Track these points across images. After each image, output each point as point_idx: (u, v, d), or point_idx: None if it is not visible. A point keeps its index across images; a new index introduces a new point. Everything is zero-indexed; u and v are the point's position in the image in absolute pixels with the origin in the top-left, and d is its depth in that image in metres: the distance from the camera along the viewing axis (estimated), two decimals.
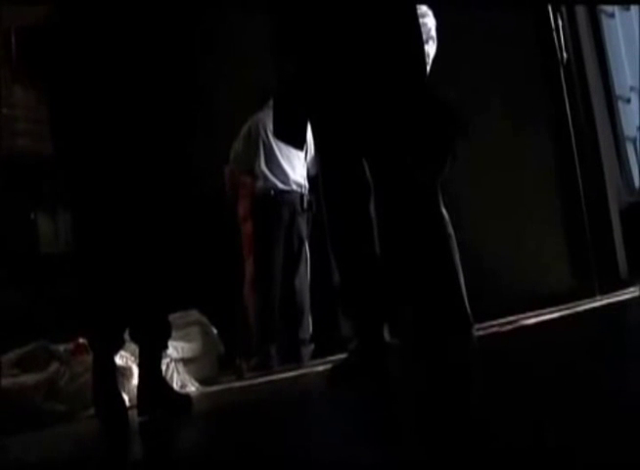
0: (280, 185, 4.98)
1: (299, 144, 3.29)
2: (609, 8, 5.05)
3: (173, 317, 4.72)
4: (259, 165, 5.01)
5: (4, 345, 4.17)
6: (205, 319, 4.77)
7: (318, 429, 2.11)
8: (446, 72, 3.76)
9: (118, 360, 4.13)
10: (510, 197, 4.55)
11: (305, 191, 5.06)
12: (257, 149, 5.03)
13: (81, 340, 4.03)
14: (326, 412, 2.50)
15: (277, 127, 3.15)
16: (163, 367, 4.26)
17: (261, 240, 4.99)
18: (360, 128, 2.85)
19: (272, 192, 4.97)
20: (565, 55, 4.59)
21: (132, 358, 4.24)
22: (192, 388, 4.33)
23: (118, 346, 3.25)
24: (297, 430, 2.07)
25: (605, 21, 5.04)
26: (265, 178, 4.99)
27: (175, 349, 4.43)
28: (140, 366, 3.28)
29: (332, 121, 2.92)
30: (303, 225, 5.06)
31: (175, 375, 4.31)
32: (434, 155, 2.89)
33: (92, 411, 3.75)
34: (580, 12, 4.76)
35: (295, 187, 5.02)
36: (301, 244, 5.05)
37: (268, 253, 4.96)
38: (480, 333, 3.80)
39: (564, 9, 4.67)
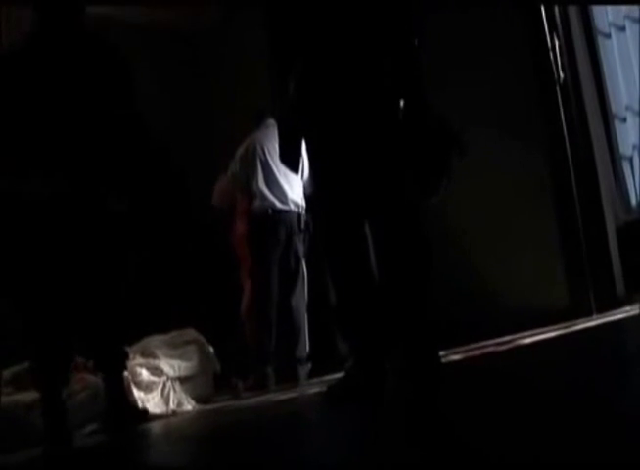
0: (278, 204, 4.97)
1: (297, 168, 3.29)
2: (605, 28, 5.07)
3: (170, 336, 4.77)
4: (257, 184, 4.99)
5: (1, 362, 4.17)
6: (201, 338, 4.76)
7: (313, 449, 2.11)
8: (441, 92, 3.77)
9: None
10: (506, 215, 4.55)
11: (303, 211, 5.05)
12: (255, 168, 5.01)
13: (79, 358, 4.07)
14: (322, 432, 2.49)
15: (283, 153, 3.15)
16: (160, 386, 4.30)
17: (258, 259, 4.98)
18: (357, 149, 2.86)
19: (270, 211, 4.96)
20: (561, 74, 4.60)
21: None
22: (188, 406, 4.33)
23: (65, 380, 3.54)
24: (293, 450, 2.07)
25: (601, 41, 5.07)
26: (263, 197, 4.97)
27: (172, 367, 4.43)
28: (106, 390, 3.62)
29: (328, 140, 2.93)
30: (300, 245, 5.04)
31: (172, 393, 4.31)
32: (431, 176, 2.89)
33: (89, 428, 3.80)
34: (577, 32, 4.78)
35: (292, 206, 5.01)
36: (298, 263, 5.03)
37: (265, 272, 4.94)
38: (477, 353, 3.81)
39: (560, 29, 4.68)
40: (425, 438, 1.81)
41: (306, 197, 5.02)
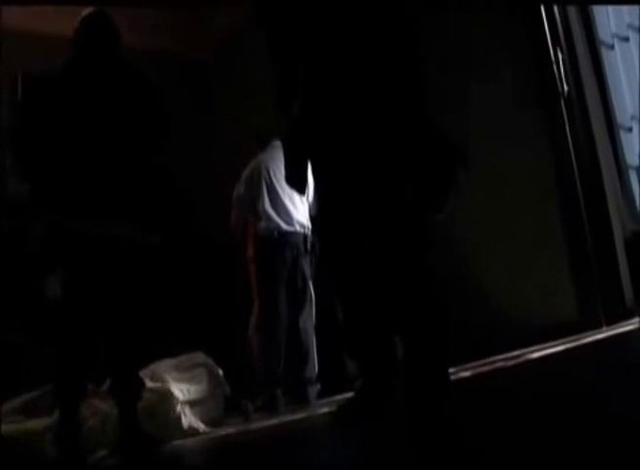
0: (283, 226, 4.97)
1: (303, 189, 3.29)
2: (608, 39, 5.06)
3: (179, 359, 4.76)
4: (263, 206, 5.00)
5: (11, 390, 4.19)
6: (210, 361, 4.76)
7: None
8: (445, 106, 3.77)
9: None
10: (512, 228, 4.53)
11: (308, 232, 5.05)
12: (260, 190, 5.03)
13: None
14: (332, 452, 2.48)
15: (289, 174, 3.15)
16: (170, 410, 4.29)
17: (265, 281, 4.99)
18: (361, 165, 2.85)
19: (275, 233, 4.96)
20: (565, 87, 4.60)
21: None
22: (199, 430, 4.31)
23: (83, 397, 3.63)
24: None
25: (604, 52, 5.05)
26: (269, 218, 4.98)
27: (181, 391, 4.42)
28: (120, 417, 3.67)
29: (333, 161, 2.92)
30: (307, 266, 5.04)
31: (182, 417, 4.29)
32: (438, 193, 2.88)
33: (100, 454, 3.80)
34: (580, 44, 4.77)
35: (298, 228, 5.01)
36: (305, 284, 5.03)
37: (272, 294, 4.94)
38: (486, 369, 3.77)
39: (563, 42, 4.69)
40: (431, 453, 1.80)
41: (312, 218, 5.01)
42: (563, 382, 2.57)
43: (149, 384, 4.37)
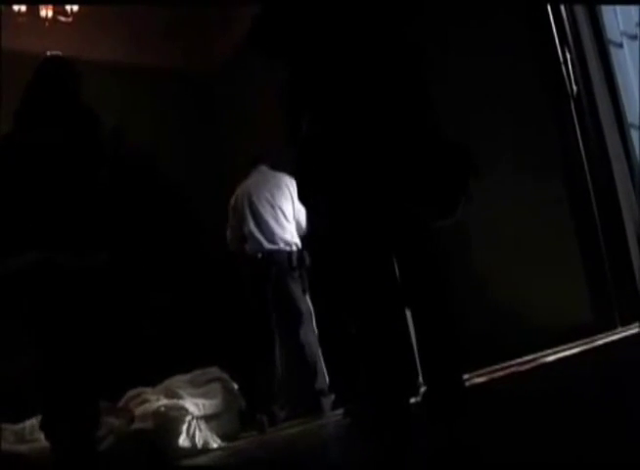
0: (266, 244, 5.10)
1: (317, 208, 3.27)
2: (616, 38, 5.04)
3: (194, 375, 4.76)
4: (248, 228, 5.16)
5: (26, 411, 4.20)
6: (225, 375, 4.76)
7: None
8: (455, 112, 3.75)
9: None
10: (525, 231, 4.49)
11: (295, 248, 5.14)
12: (244, 215, 5.20)
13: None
14: (348, 463, 2.46)
15: (300, 192, 3.13)
16: (185, 425, 4.27)
17: (252, 301, 5.04)
18: (374, 175, 2.83)
19: (259, 254, 5.06)
20: (574, 88, 4.58)
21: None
22: (214, 445, 4.30)
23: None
24: None
25: (613, 50, 5.03)
26: (253, 238, 5.13)
27: (196, 406, 4.41)
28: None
29: (344, 170, 2.90)
30: (293, 282, 5.08)
31: (197, 432, 4.28)
32: (448, 196, 2.85)
33: None
34: (588, 44, 4.75)
35: (282, 245, 5.12)
36: (294, 299, 5.05)
37: (260, 312, 4.98)
38: (501, 374, 3.74)
39: (571, 42, 4.67)
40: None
41: (302, 236, 5.20)
42: (579, 385, 2.54)
43: (163, 400, 4.38)
